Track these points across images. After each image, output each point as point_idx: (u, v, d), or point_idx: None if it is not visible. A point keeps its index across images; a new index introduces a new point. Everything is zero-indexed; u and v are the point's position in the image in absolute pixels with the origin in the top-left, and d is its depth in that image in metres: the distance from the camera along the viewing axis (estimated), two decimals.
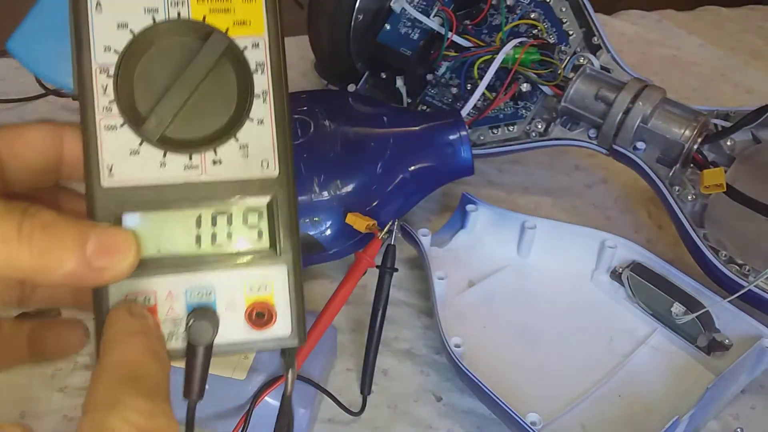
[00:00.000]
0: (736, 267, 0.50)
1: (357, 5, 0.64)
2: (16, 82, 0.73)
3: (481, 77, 0.59)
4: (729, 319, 0.49)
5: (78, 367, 0.49)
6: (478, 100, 0.60)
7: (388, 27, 0.63)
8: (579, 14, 0.62)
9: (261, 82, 0.26)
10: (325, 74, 0.71)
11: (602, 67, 0.59)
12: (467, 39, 0.62)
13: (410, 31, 0.63)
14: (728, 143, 0.55)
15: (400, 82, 0.65)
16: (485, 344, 0.50)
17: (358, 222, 0.50)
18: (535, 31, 0.61)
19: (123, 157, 0.25)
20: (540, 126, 0.60)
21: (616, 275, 0.54)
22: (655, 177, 0.55)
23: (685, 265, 0.53)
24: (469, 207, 0.56)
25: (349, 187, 0.52)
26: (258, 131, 0.26)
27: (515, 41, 0.59)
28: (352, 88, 0.67)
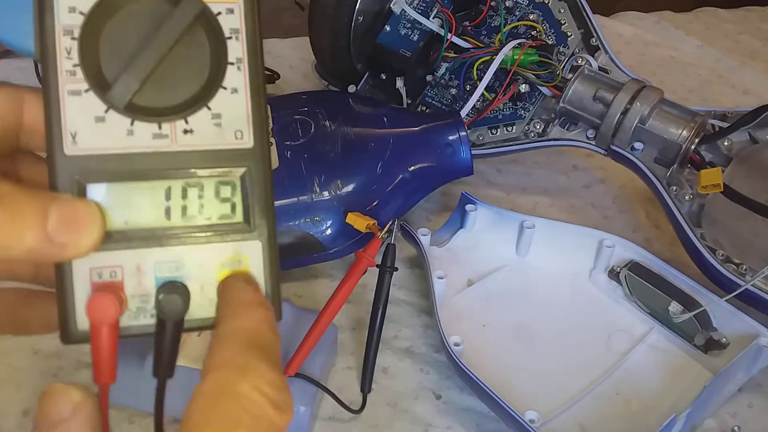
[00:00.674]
0: (733, 266, 0.50)
1: (357, 7, 0.64)
2: None
3: (480, 78, 0.60)
4: (726, 317, 0.49)
5: (81, 365, 0.49)
6: (478, 100, 0.61)
7: (388, 28, 0.64)
8: (577, 15, 0.62)
9: (235, 49, 0.24)
10: (326, 75, 0.72)
11: (600, 68, 0.60)
12: (466, 40, 0.62)
13: (410, 33, 0.63)
14: (725, 143, 0.55)
15: (399, 82, 0.65)
16: (484, 343, 0.51)
17: (359, 221, 0.51)
18: (533, 33, 0.62)
19: (88, 124, 0.23)
20: (538, 126, 0.60)
21: (614, 274, 0.54)
22: (652, 177, 0.55)
23: (683, 265, 0.53)
24: (469, 207, 0.56)
25: (350, 187, 0.53)
26: (232, 100, 0.24)
27: (514, 42, 0.59)
28: (352, 88, 0.67)
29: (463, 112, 0.60)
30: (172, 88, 0.24)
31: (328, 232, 0.53)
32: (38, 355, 0.49)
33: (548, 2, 0.63)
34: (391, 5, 0.64)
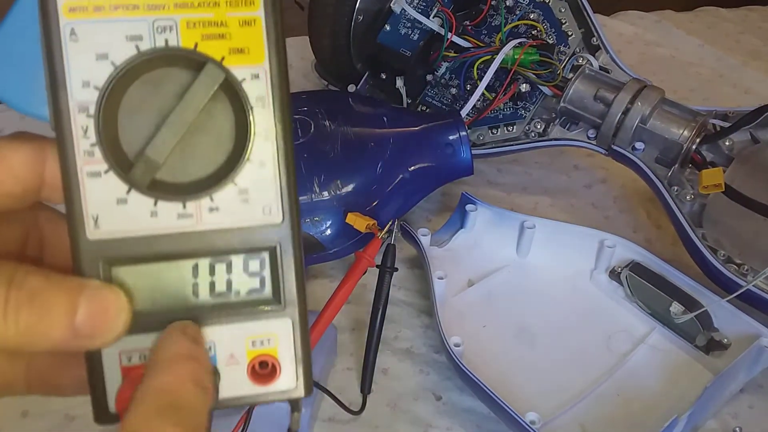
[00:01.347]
0: (735, 266, 0.50)
1: (357, 6, 0.64)
2: None
3: (480, 78, 0.60)
4: (727, 318, 0.49)
5: None
6: (478, 100, 0.61)
7: (388, 28, 0.63)
8: (578, 15, 0.62)
9: (262, 118, 0.23)
10: (326, 75, 0.72)
11: (601, 68, 0.60)
12: (467, 39, 0.62)
13: (410, 32, 0.63)
14: (727, 143, 0.55)
15: (400, 82, 0.65)
16: (484, 343, 0.51)
17: (358, 222, 0.51)
18: (534, 32, 0.62)
19: (109, 206, 0.22)
20: (539, 126, 0.60)
21: (614, 275, 0.54)
22: (653, 177, 0.55)
23: (684, 265, 0.53)
24: (469, 207, 0.56)
25: (350, 187, 0.53)
26: (259, 174, 0.23)
27: (514, 42, 0.59)
28: (352, 88, 0.67)
29: (464, 112, 0.59)
30: (195, 163, 0.23)
31: (328, 232, 0.53)
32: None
33: (549, 1, 0.62)
34: (391, 4, 0.63)
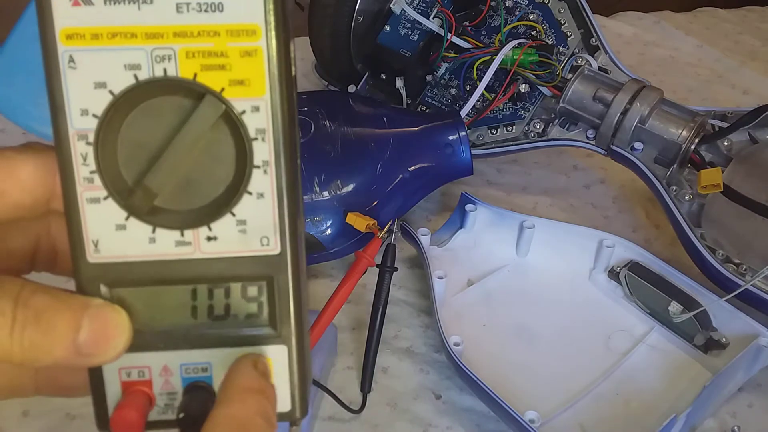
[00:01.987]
0: (733, 266, 0.50)
1: (357, 7, 0.64)
2: None
3: (480, 78, 0.60)
4: (726, 317, 0.49)
5: None
6: (477, 100, 0.61)
7: (388, 28, 0.64)
8: (577, 16, 0.62)
9: (261, 151, 0.23)
10: (326, 75, 0.72)
11: (600, 68, 0.60)
12: (466, 40, 0.62)
13: (410, 33, 0.63)
14: (725, 143, 0.55)
15: (399, 82, 0.65)
16: (484, 343, 0.51)
17: (358, 221, 0.51)
18: (533, 33, 0.62)
19: (109, 231, 0.23)
20: (538, 126, 0.60)
21: (613, 274, 0.54)
22: (652, 177, 0.55)
23: (683, 265, 0.53)
24: (468, 207, 0.56)
25: (350, 187, 0.53)
26: (257, 206, 0.23)
27: (514, 42, 0.59)
28: (352, 88, 0.67)
29: (463, 112, 0.60)
30: (194, 192, 0.23)
31: (328, 232, 0.53)
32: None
33: (548, 2, 0.63)
34: (391, 5, 0.64)
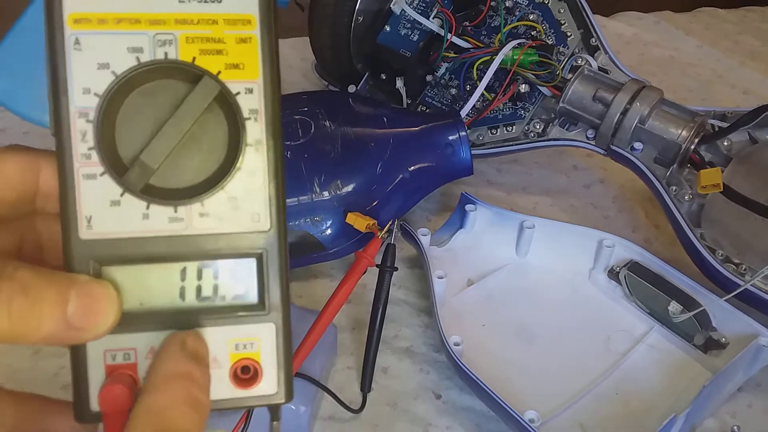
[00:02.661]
0: (733, 266, 0.51)
1: (357, 7, 0.64)
2: None
3: (480, 78, 0.60)
4: (726, 317, 0.49)
5: None
6: (477, 100, 0.61)
7: (388, 28, 0.64)
8: (577, 16, 0.62)
9: (254, 130, 0.24)
10: (326, 75, 0.72)
11: (600, 68, 0.60)
12: (466, 40, 0.62)
13: (410, 33, 0.63)
14: (725, 143, 0.55)
15: (399, 82, 0.65)
16: (484, 343, 0.51)
17: (359, 221, 0.51)
18: (533, 33, 0.62)
19: (103, 207, 0.23)
20: (538, 126, 0.60)
21: (613, 274, 0.54)
22: (652, 177, 0.55)
23: (682, 264, 0.53)
24: (468, 207, 0.56)
25: (350, 187, 0.53)
26: (249, 183, 0.24)
27: (514, 42, 0.59)
28: (352, 88, 0.67)
29: (463, 112, 0.60)
30: (188, 170, 0.24)
31: (328, 232, 0.53)
32: (38, 355, 0.49)
33: (548, 2, 0.63)
34: (391, 5, 0.64)
